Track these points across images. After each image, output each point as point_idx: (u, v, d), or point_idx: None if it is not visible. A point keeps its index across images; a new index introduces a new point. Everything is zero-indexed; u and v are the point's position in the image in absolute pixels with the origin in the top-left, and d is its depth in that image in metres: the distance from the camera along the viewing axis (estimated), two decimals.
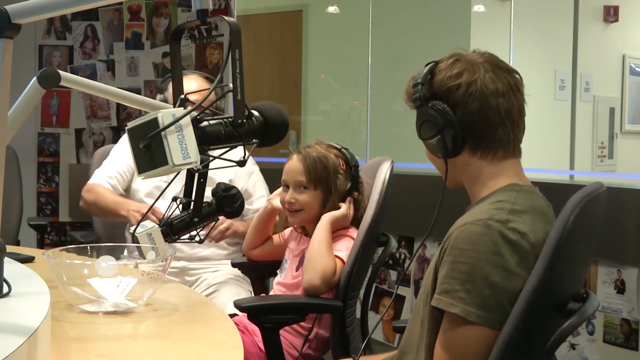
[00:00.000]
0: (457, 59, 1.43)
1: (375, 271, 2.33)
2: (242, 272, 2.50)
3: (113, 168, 2.77)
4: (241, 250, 2.54)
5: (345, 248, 2.10)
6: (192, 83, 2.65)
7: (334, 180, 2.15)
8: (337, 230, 2.15)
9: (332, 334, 2.08)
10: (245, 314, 2.12)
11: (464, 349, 1.29)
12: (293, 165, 2.18)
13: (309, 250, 2.07)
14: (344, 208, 2.15)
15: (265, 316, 1.95)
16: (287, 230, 2.35)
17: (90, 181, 2.77)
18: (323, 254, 2.04)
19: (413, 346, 1.44)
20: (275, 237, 2.37)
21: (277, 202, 2.28)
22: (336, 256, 2.07)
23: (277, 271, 2.29)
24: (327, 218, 2.11)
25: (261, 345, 2.04)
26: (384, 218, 2.18)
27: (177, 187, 2.03)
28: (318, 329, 2.11)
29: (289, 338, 2.12)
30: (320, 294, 2.02)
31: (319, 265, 2.02)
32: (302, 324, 2.12)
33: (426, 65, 1.47)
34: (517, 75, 1.45)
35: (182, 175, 1.63)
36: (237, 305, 1.94)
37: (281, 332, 2.10)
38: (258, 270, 2.46)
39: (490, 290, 1.27)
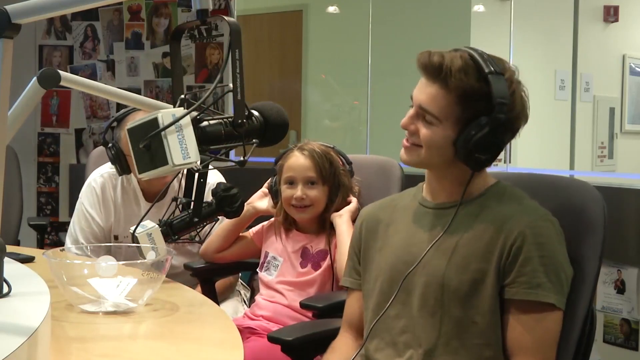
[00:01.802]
0: (520, 87, 1.48)
1: None
2: (192, 275, 2.32)
3: (84, 237, 2.43)
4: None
5: None
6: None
7: (340, 176, 2.18)
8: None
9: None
10: (261, 318, 2.14)
11: (554, 335, 1.43)
12: (300, 161, 2.18)
13: (344, 247, 2.06)
14: (355, 202, 2.18)
15: (335, 313, 1.95)
16: (256, 228, 2.32)
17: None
18: None
19: (442, 346, 1.45)
20: (246, 236, 2.33)
21: (260, 205, 2.28)
22: None
23: (259, 270, 2.26)
24: (347, 214, 2.14)
25: None
26: None
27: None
28: None
29: None
30: None
31: None
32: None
33: (490, 73, 1.42)
34: None
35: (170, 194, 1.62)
36: (306, 305, 1.94)
37: None
38: (212, 274, 2.36)
39: (565, 277, 1.43)
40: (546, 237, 1.42)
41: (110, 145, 2.26)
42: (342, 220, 2.14)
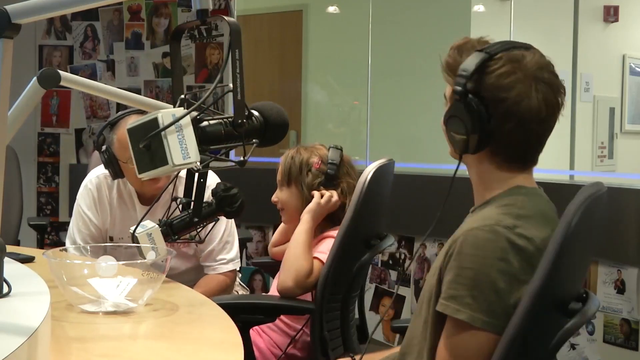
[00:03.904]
0: (515, 67, 1.33)
1: (355, 273, 2.25)
2: (264, 271, 2.43)
3: (82, 239, 2.43)
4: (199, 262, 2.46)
5: (327, 250, 2.09)
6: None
7: (303, 177, 2.19)
8: (322, 232, 2.16)
9: (311, 336, 2.07)
10: None
11: (468, 354, 1.29)
12: (279, 165, 2.26)
13: (287, 251, 2.07)
14: (315, 198, 2.15)
15: (235, 315, 1.93)
16: None
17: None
18: (298, 255, 2.04)
19: (414, 347, 1.44)
20: None
21: None
22: (316, 258, 2.07)
23: None
24: (305, 216, 2.12)
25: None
26: (374, 220, 2.17)
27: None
28: (303, 330, 2.11)
29: (273, 337, 2.12)
30: (295, 295, 2.02)
31: (293, 266, 2.02)
32: (290, 323, 2.12)
33: (477, 50, 1.34)
34: (562, 90, 1.39)
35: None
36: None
37: (266, 330, 2.09)
38: (277, 269, 2.42)
39: (497, 296, 1.27)
40: (477, 248, 1.28)
41: (103, 149, 2.26)
42: (301, 220, 2.13)
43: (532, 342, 1.25)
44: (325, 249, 2.09)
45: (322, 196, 2.14)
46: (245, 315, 1.95)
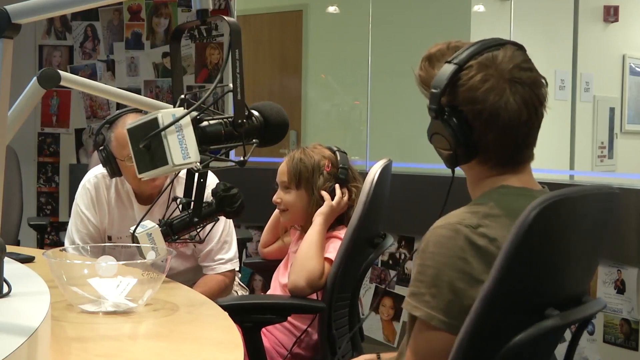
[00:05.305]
0: (488, 73, 1.30)
1: (362, 272, 2.27)
2: (256, 272, 2.43)
3: (80, 238, 2.43)
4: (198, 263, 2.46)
5: (334, 250, 2.10)
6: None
7: (315, 180, 2.17)
8: (328, 232, 2.16)
9: (319, 335, 2.08)
10: None
11: (428, 353, 1.28)
12: (281, 166, 2.23)
13: (299, 251, 2.08)
14: (327, 201, 2.15)
15: (246, 315, 1.94)
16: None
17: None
18: (311, 256, 2.04)
19: (404, 347, 1.44)
20: (287, 236, 2.39)
21: None
22: (327, 258, 2.07)
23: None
24: (318, 218, 2.12)
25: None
26: (378, 219, 2.17)
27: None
28: (308, 329, 2.11)
29: (279, 336, 2.11)
30: (305, 295, 2.02)
31: (305, 267, 2.02)
32: (295, 322, 2.12)
33: (446, 62, 1.33)
34: (543, 82, 1.35)
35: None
36: (219, 304, 1.94)
37: (271, 329, 2.10)
38: (271, 270, 2.42)
39: (454, 296, 1.24)
40: (437, 246, 1.26)
41: (101, 147, 2.27)
42: (313, 224, 2.12)
43: (483, 345, 1.18)
44: (332, 249, 2.10)
45: (334, 197, 2.15)
46: (256, 316, 1.96)
